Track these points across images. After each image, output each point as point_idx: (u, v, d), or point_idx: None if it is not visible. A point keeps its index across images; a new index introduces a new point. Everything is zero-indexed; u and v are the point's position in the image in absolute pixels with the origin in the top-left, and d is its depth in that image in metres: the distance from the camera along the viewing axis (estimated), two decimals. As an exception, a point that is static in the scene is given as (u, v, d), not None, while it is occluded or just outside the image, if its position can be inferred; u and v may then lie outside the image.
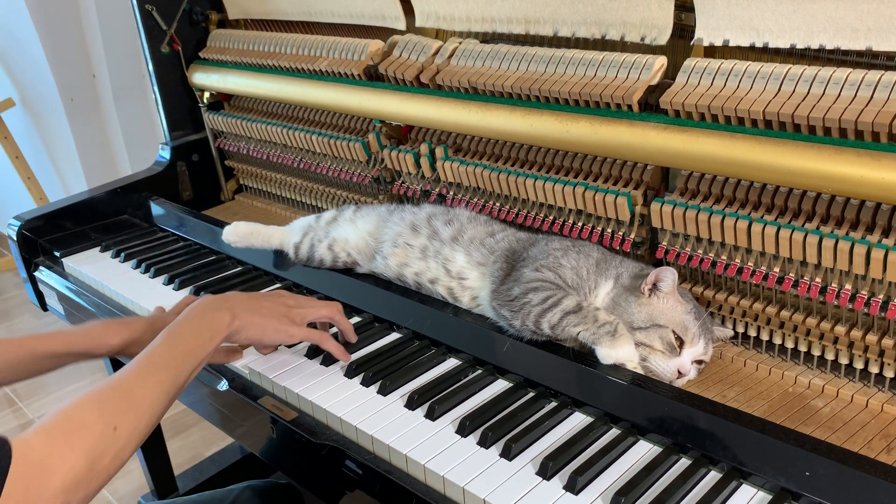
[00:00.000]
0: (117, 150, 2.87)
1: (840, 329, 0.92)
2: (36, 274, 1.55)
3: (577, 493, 0.81)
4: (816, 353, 0.97)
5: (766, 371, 1.00)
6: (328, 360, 1.08)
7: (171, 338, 0.91)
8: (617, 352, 0.94)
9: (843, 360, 0.95)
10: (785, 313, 0.97)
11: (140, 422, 0.80)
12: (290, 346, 1.12)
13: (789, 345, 0.99)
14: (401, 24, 1.38)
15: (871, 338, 0.90)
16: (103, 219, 1.68)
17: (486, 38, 1.33)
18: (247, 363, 1.09)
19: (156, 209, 1.66)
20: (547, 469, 0.83)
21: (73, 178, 3.02)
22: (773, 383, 0.98)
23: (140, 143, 2.79)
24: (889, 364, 0.91)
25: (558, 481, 0.82)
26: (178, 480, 1.90)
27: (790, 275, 0.94)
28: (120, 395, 0.80)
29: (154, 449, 1.85)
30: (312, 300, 1.11)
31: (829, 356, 0.96)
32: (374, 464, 0.91)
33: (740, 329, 1.04)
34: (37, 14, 2.63)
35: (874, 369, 0.92)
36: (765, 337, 1.01)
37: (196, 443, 2.40)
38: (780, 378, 0.98)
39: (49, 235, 1.60)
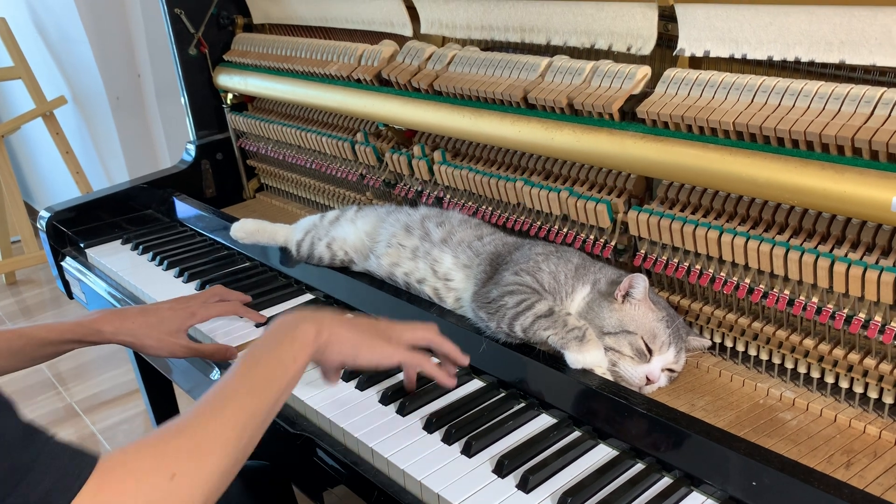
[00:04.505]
0: (159, 147, 2.99)
1: (809, 342, 0.92)
2: (62, 263, 1.64)
3: (528, 491, 0.82)
4: (789, 365, 0.96)
5: (739, 382, 0.99)
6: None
7: (246, 364, 0.79)
8: (584, 357, 0.95)
9: (815, 374, 0.94)
10: (757, 325, 0.97)
11: (206, 467, 0.68)
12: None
13: (763, 356, 0.99)
14: (407, 31, 1.42)
15: (839, 352, 0.89)
16: (129, 213, 1.76)
17: (487, 45, 1.36)
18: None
19: (176, 205, 1.73)
20: (502, 467, 0.85)
21: (118, 172, 3.15)
22: (744, 394, 0.98)
23: (180, 140, 2.90)
24: (858, 380, 0.90)
25: (512, 480, 0.84)
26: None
27: (760, 286, 0.94)
28: (182, 437, 0.69)
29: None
30: (405, 323, 0.97)
31: (802, 369, 0.95)
32: (344, 455, 0.95)
33: (717, 339, 1.04)
34: (87, 17, 2.76)
35: (844, 384, 0.91)
36: (740, 348, 1.01)
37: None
38: (752, 389, 0.98)
39: (77, 227, 1.68)
